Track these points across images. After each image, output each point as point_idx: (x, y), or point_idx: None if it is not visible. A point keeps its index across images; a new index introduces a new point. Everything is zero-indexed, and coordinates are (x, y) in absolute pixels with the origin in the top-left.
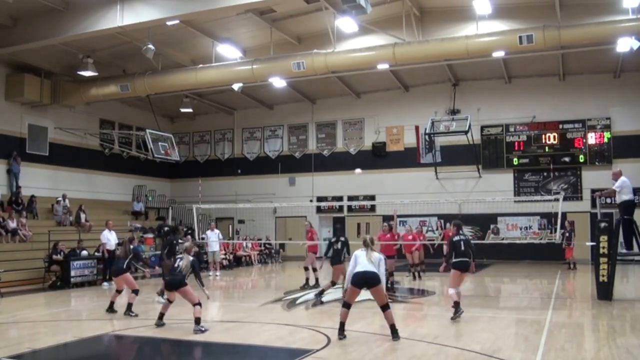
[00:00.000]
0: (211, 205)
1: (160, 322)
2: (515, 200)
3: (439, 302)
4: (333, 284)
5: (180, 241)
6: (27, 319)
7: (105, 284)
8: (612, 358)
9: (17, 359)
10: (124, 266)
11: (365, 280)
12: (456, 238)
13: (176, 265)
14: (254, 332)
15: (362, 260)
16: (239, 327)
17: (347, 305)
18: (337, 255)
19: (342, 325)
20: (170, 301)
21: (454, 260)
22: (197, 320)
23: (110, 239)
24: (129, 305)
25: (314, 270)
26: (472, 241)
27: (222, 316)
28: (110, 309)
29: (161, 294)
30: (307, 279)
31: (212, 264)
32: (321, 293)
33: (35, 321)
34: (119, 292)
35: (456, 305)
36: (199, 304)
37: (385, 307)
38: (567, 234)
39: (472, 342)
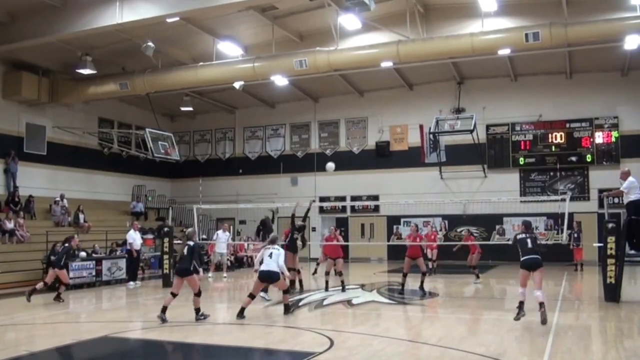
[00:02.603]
0: (212, 205)
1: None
2: (521, 201)
3: (443, 304)
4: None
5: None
6: (24, 321)
7: (131, 283)
8: None
9: None
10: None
11: (268, 277)
12: (521, 236)
13: (182, 253)
14: (256, 335)
15: (266, 259)
16: (241, 329)
17: (252, 296)
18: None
19: (242, 310)
20: (174, 294)
21: (521, 259)
22: (197, 310)
23: (136, 238)
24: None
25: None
26: (483, 242)
27: (225, 318)
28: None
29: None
30: (301, 281)
31: (214, 265)
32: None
33: (32, 323)
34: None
35: (520, 305)
36: (199, 294)
37: (286, 291)
38: (574, 235)
39: (477, 344)
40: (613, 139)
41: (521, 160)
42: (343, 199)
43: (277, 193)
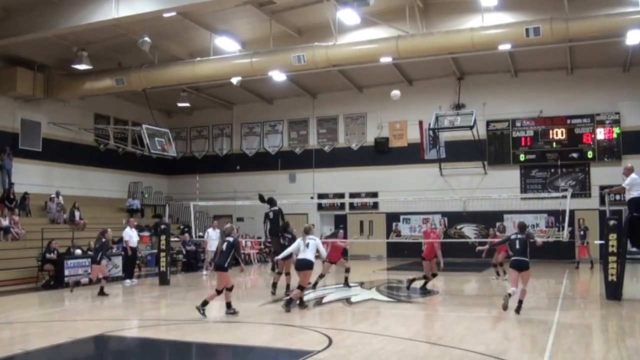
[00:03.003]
0: (209, 202)
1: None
2: (522, 198)
3: (443, 302)
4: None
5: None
6: (19, 320)
7: (127, 281)
8: (622, 359)
9: None
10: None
11: (305, 265)
12: (513, 237)
13: (221, 249)
14: (253, 333)
15: (303, 248)
16: (238, 327)
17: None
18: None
19: (301, 301)
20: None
21: (511, 259)
22: (228, 305)
23: (132, 235)
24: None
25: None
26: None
27: (221, 316)
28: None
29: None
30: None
31: (207, 262)
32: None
33: (28, 322)
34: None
35: (507, 295)
36: (230, 288)
37: (301, 287)
38: (581, 232)
39: (477, 343)
40: (614, 135)
41: (522, 157)
42: (342, 195)
43: (275, 190)
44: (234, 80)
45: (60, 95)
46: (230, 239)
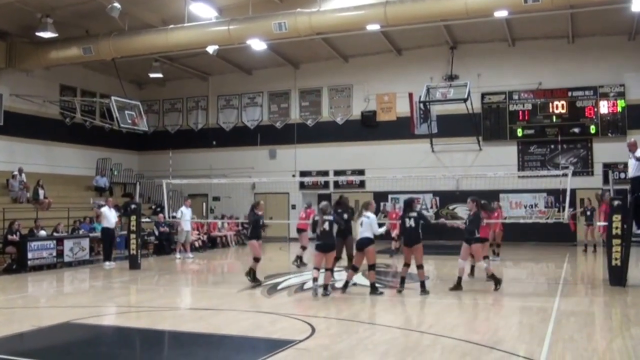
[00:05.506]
0: (183, 180)
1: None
2: (519, 176)
3: (434, 288)
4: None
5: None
6: None
7: (106, 263)
8: (626, 349)
9: None
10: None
11: (362, 245)
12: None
13: (323, 228)
14: (230, 321)
15: (359, 227)
16: (214, 315)
17: (372, 267)
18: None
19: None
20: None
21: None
22: (326, 287)
23: (110, 216)
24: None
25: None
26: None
27: (196, 303)
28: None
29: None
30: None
31: (180, 244)
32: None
33: None
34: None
35: None
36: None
37: (372, 267)
38: (587, 213)
39: (471, 332)
40: (619, 109)
41: (519, 132)
42: (326, 173)
43: (254, 167)
44: (210, 49)
45: (23, 65)
46: (331, 217)
